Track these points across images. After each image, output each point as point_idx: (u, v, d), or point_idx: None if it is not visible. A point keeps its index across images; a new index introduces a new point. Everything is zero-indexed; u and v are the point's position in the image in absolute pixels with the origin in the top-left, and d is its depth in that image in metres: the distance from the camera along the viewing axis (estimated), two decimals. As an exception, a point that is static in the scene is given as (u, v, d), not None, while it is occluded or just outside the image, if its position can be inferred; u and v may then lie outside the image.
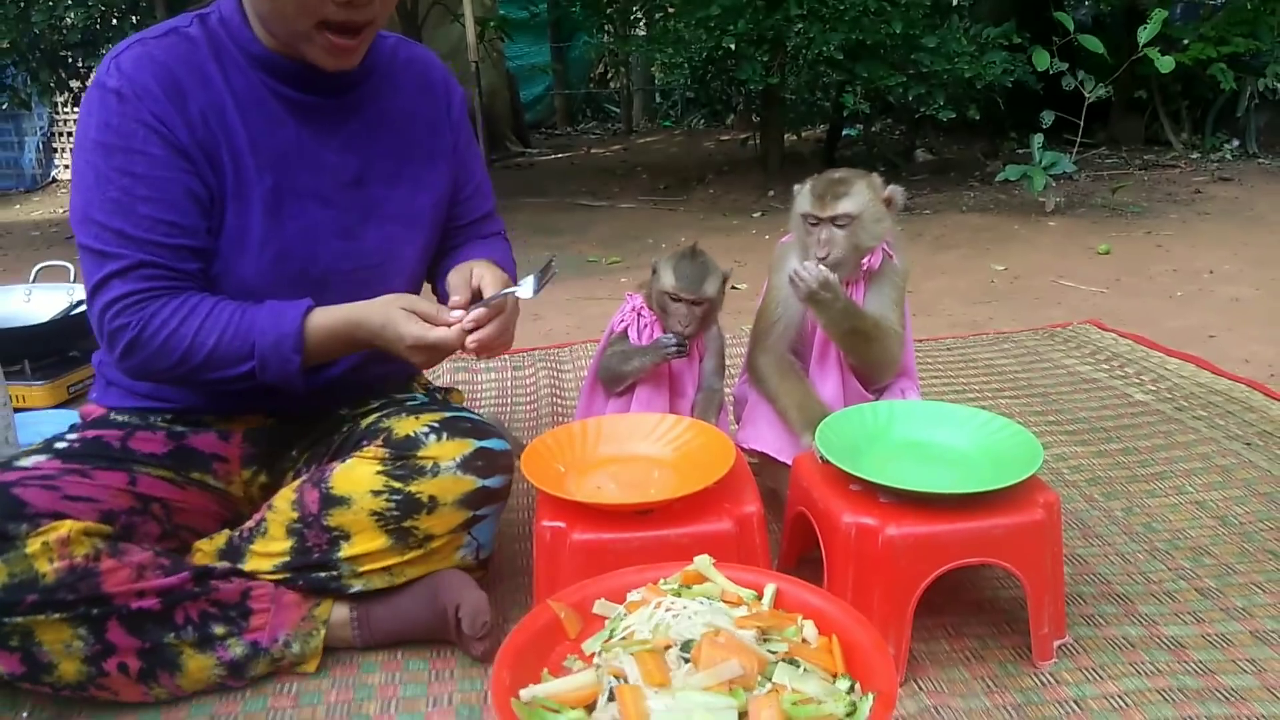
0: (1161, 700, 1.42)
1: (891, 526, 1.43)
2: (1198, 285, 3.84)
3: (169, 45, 1.47)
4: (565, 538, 1.46)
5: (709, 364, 1.94)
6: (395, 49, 1.66)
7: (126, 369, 1.49)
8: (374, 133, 1.60)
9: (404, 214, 1.64)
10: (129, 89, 1.42)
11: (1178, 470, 2.17)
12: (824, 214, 1.73)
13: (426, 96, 1.68)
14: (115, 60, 1.45)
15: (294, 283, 1.53)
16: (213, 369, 1.46)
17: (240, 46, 1.49)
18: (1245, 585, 1.72)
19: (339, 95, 1.56)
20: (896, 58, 5.84)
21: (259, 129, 1.50)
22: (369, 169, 1.59)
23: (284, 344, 1.46)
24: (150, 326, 1.43)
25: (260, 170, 1.50)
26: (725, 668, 1.01)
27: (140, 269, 1.43)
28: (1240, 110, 6.99)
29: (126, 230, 1.42)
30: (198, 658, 1.45)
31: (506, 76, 9.35)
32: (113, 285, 1.43)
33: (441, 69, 1.74)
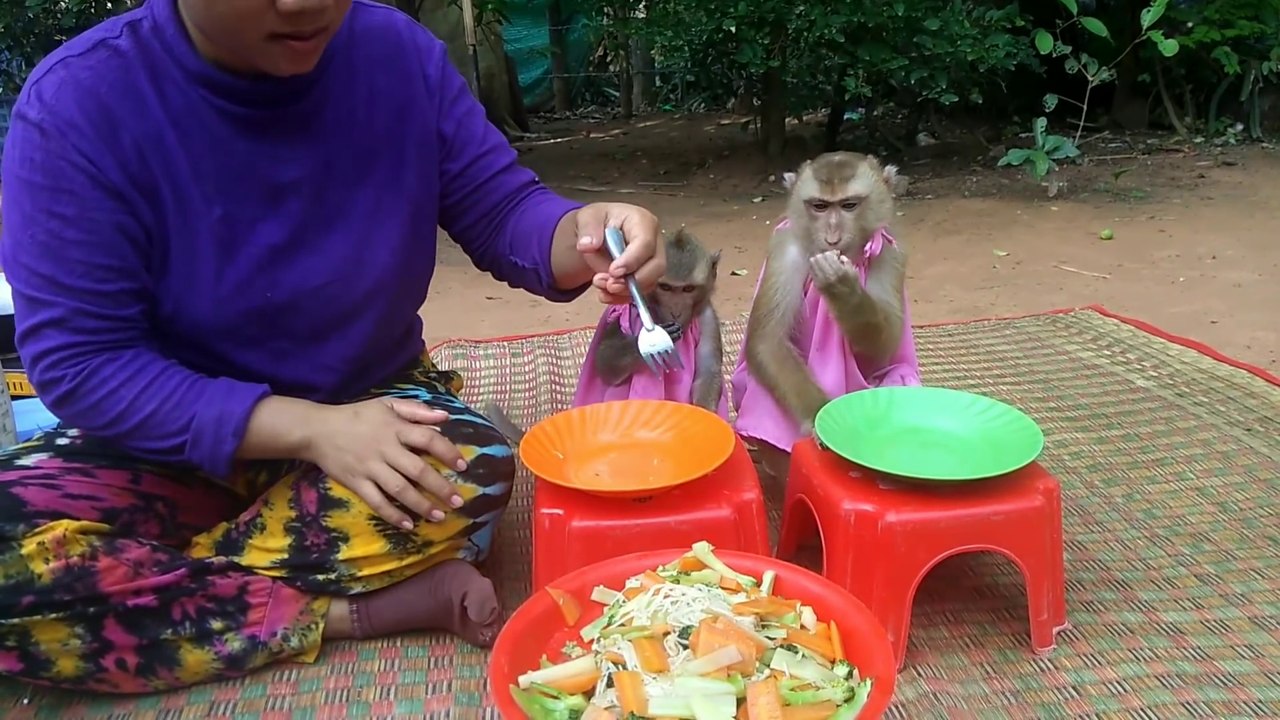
0: (1160, 686, 1.42)
1: (891, 513, 1.43)
2: (1200, 270, 3.83)
3: (96, 64, 1.31)
4: (564, 525, 1.45)
5: (705, 348, 1.94)
6: (350, 22, 1.47)
7: (57, 416, 1.41)
8: (332, 134, 1.44)
9: (374, 212, 1.50)
10: (51, 123, 1.28)
11: (1178, 456, 2.17)
12: (833, 197, 1.71)
13: (391, 67, 1.50)
14: (36, 87, 1.30)
15: (258, 314, 1.44)
16: (142, 437, 1.37)
17: (176, 60, 1.33)
18: (1244, 571, 1.72)
19: (290, 104, 1.40)
20: (899, 40, 5.81)
21: (203, 153, 1.36)
22: (329, 174, 1.45)
23: (226, 424, 1.37)
24: (89, 383, 1.34)
25: (208, 199, 1.37)
26: (723, 654, 1.01)
27: (76, 318, 1.33)
28: (1244, 94, 6.96)
29: (58, 277, 1.31)
30: (196, 652, 1.44)
31: (504, 60, 9.32)
32: (46, 335, 1.33)
33: (407, 27, 1.54)
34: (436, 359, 2.91)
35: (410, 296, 1.67)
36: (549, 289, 1.59)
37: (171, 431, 1.37)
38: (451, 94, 1.57)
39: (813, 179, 1.74)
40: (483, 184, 1.61)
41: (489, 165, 1.61)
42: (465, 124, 1.58)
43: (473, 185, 1.61)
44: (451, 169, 1.59)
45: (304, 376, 1.52)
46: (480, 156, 1.60)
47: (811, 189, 1.73)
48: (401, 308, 1.65)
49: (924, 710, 1.38)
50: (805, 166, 1.78)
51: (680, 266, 1.82)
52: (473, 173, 1.60)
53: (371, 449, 1.41)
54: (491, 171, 1.61)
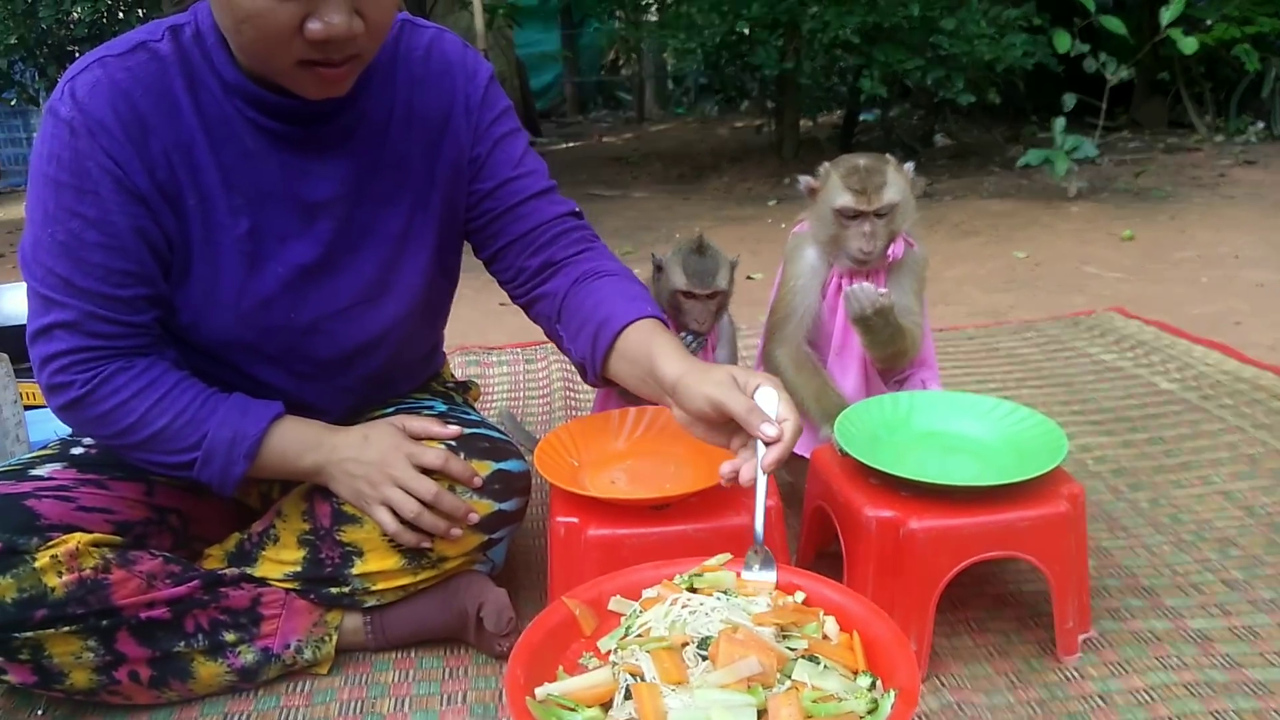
0: (1188, 694, 1.39)
1: (914, 520, 1.40)
2: (1223, 270, 3.78)
3: (133, 66, 1.29)
4: (580, 533, 1.44)
5: (721, 354, 1.92)
6: (397, 40, 1.44)
7: (63, 421, 1.38)
8: (366, 153, 1.42)
9: (404, 234, 1.47)
10: (81, 123, 1.26)
11: (1204, 460, 2.14)
12: (869, 207, 1.66)
13: (433, 88, 1.46)
14: (70, 84, 1.28)
15: (280, 332, 1.41)
16: (151, 450, 1.35)
17: (214, 70, 1.31)
18: (1273, 577, 1.68)
19: (326, 122, 1.37)
20: (914, 40, 5.78)
21: (234, 165, 1.34)
22: (360, 193, 1.42)
23: (239, 445, 1.36)
24: (99, 391, 1.32)
25: (235, 212, 1.35)
26: (743, 665, 0.99)
27: (89, 321, 1.30)
28: (1265, 91, 6.89)
29: (74, 279, 1.29)
30: (209, 664, 1.43)
31: (516, 64, 9.34)
32: (57, 337, 1.31)
33: (457, 49, 1.49)
34: (450, 365, 2.90)
35: (433, 320, 1.66)
36: (592, 380, 1.49)
37: (183, 448, 1.35)
38: (492, 116, 1.51)
39: (844, 188, 1.68)
40: (513, 208, 1.52)
41: (522, 189, 1.52)
42: (502, 145, 1.52)
43: (502, 208, 1.52)
44: (480, 189, 1.52)
45: (322, 397, 1.51)
46: (513, 179, 1.52)
47: (844, 198, 1.67)
48: (424, 331, 1.63)
49: (948, 721, 1.36)
50: (829, 171, 1.73)
51: (704, 273, 1.79)
52: (503, 195, 1.52)
53: (384, 474, 1.40)
54: (523, 195, 1.52)
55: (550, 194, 1.55)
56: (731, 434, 1.26)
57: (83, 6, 5.68)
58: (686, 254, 1.82)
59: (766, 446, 1.20)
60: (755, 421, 1.20)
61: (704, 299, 1.80)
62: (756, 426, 1.20)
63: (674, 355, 1.32)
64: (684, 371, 1.28)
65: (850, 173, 1.69)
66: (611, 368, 1.41)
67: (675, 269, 1.81)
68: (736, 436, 1.26)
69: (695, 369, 1.28)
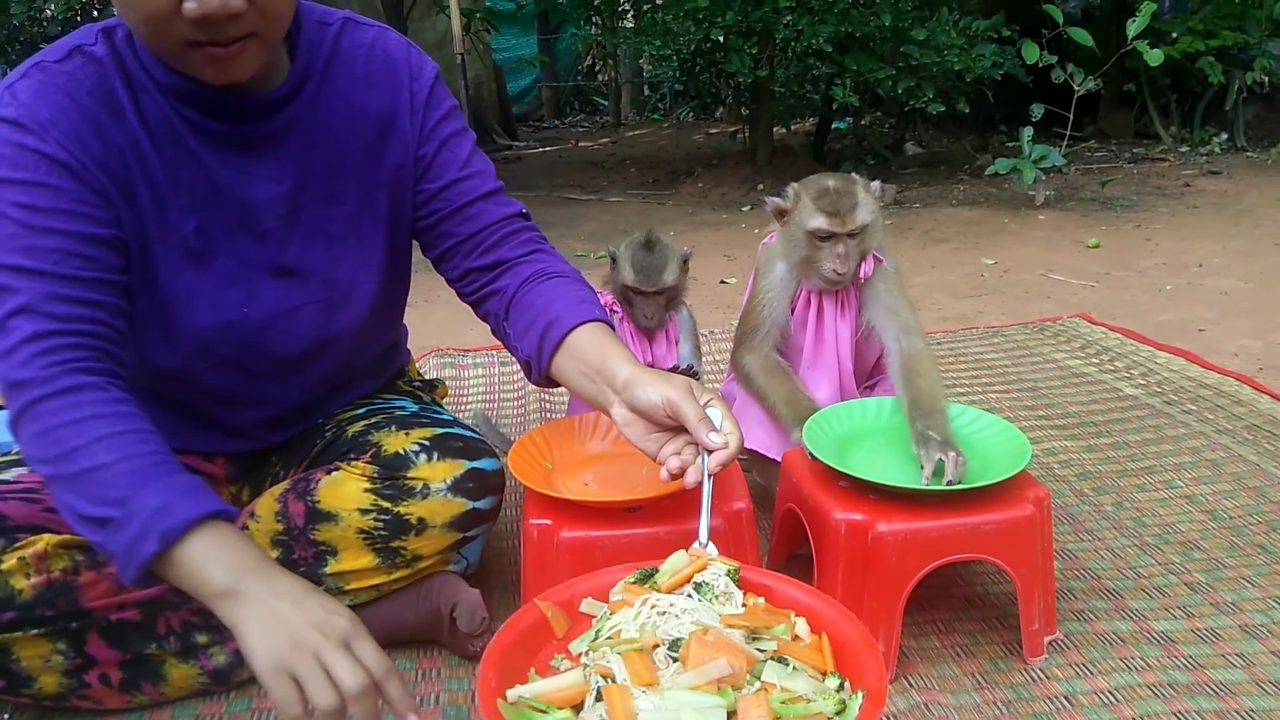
0: (1151, 695, 1.42)
1: (882, 523, 1.42)
2: (1187, 278, 3.85)
3: (72, 71, 1.26)
4: (553, 535, 1.44)
5: (684, 348, 1.95)
6: (338, 38, 1.42)
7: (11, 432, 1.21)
8: (307, 153, 1.40)
9: (351, 232, 1.46)
10: (30, 119, 1.22)
11: (1167, 464, 2.17)
12: (843, 229, 1.67)
13: (375, 86, 1.44)
14: (10, 90, 1.25)
15: (233, 330, 1.39)
16: (75, 489, 1.16)
17: (147, 70, 1.29)
18: (1234, 580, 1.72)
19: (260, 120, 1.35)
20: (886, 50, 5.84)
21: (177, 164, 1.31)
22: (304, 192, 1.41)
23: (160, 518, 1.12)
24: (58, 403, 1.16)
25: (182, 211, 1.33)
26: (713, 667, 1.00)
27: (46, 303, 1.19)
28: (1228, 103, 7.01)
29: (27, 265, 1.20)
30: (180, 667, 1.42)
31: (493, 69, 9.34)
32: (14, 327, 1.18)
33: (401, 47, 1.48)
34: (424, 368, 2.90)
35: (389, 318, 1.65)
36: (536, 379, 1.48)
37: (108, 499, 1.14)
38: (438, 115, 1.50)
39: (816, 210, 1.68)
40: (460, 209, 1.51)
41: (469, 190, 1.51)
42: (449, 145, 1.51)
43: (449, 209, 1.51)
44: (427, 189, 1.50)
45: (281, 395, 1.51)
46: (460, 180, 1.51)
47: (818, 221, 1.68)
48: (379, 329, 1.62)
49: (915, 721, 1.38)
50: (799, 193, 1.73)
51: (651, 270, 1.84)
52: (450, 196, 1.51)
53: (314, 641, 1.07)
54: (470, 196, 1.51)
55: (498, 195, 1.55)
56: (665, 441, 1.30)
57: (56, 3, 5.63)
58: (636, 249, 1.86)
59: (710, 454, 1.24)
60: (703, 429, 1.24)
61: (652, 295, 1.84)
62: (704, 434, 1.24)
63: (628, 358, 1.35)
64: (639, 370, 1.32)
65: (821, 195, 1.69)
66: (556, 365, 1.42)
67: (625, 264, 1.86)
68: (670, 443, 1.29)
69: (653, 372, 1.32)
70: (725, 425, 1.27)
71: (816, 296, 1.76)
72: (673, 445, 1.29)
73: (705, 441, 1.24)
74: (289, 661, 1.05)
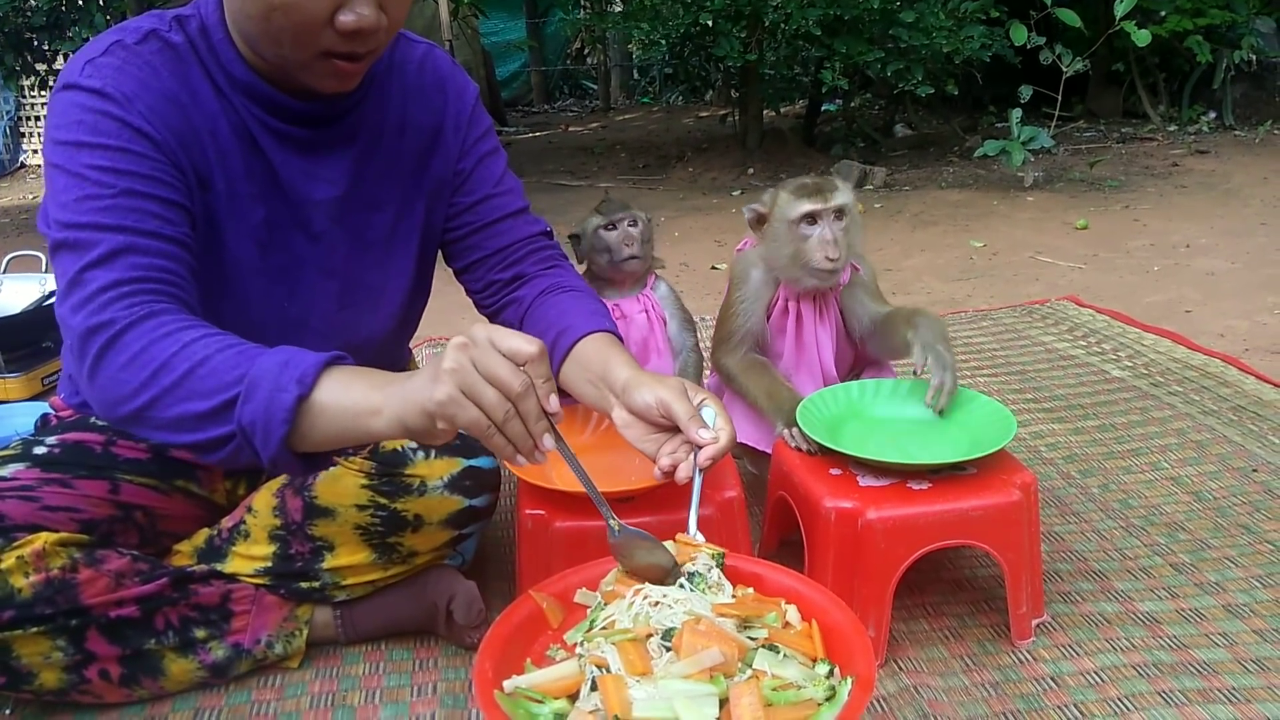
0: (1136, 675, 1.44)
1: (871, 510, 1.44)
2: (1174, 259, 3.87)
3: (151, 54, 1.29)
4: (547, 525, 1.46)
5: (673, 325, 1.95)
6: (392, 51, 1.49)
7: (90, 391, 1.22)
8: (365, 159, 1.46)
9: (389, 238, 1.52)
10: (115, 90, 1.25)
11: (1153, 446, 2.20)
12: (828, 204, 1.67)
13: (425, 101, 1.52)
14: (91, 63, 1.27)
15: (274, 325, 1.41)
16: (180, 398, 1.15)
17: (221, 65, 1.33)
18: (1219, 560, 1.74)
19: (327, 126, 1.41)
20: (875, 33, 5.84)
21: (248, 157, 1.36)
22: (354, 195, 1.46)
23: (290, 368, 1.12)
24: (140, 328, 1.18)
25: (253, 199, 1.37)
26: (706, 655, 1.02)
27: (125, 254, 1.21)
28: (1216, 82, 7.03)
29: (104, 221, 1.22)
30: (180, 661, 1.44)
31: (481, 54, 9.29)
32: (91, 277, 1.20)
33: (448, 65, 1.56)
34: (419, 358, 2.90)
35: (408, 327, 1.69)
36: None
37: (221, 384, 1.13)
38: (478, 133, 1.58)
39: (796, 197, 1.69)
40: (491, 224, 1.59)
41: (500, 206, 1.59)
42: (485, 163, 1.59)
43: (481, 223, 1.59)
44: (461, 202, 1.58)
45: None
46: (492, 196, 1.59)
47: (800, 205, 1.68)
48: (399, 336, 1.67)
49: (905, 704, 1.40)
50: (776, 192, 1.74)
51: (618, 205, 1.90)
52: (482, 211, 1.58)
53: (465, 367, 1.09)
54: (501, 213, 1.59)
55: (525, 214, 1.63)
56: (663, 442, 1.34)
57: (40, -6, 5.59)
58: (599, 204, 1.93)
59: (700, 450, 1.28)
60: (694, 426, 1.28)
61: (626, 225, 1.88)
62: (694, 430, 1.28)
63: (629, 363, 1.42)
64: (637, 374, 1.37)
65: (800, 185, 1.71)
66: (564, 373, 1.47)
67: (591, 220, 1.90)
68: (668, 444, 1.33)
69: (650, 375, 1.37)
70: (717, 422, 1.30)
71: (795, 303, 1.77)
72: (669, 445, 1.33)
73: (695, 438, 1.28)
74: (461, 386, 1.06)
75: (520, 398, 1.07)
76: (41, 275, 2.97)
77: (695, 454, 1.29)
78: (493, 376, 1.06)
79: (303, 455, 1.17)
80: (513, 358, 1.07)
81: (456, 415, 1.08)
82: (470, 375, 1.06)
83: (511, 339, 1.08)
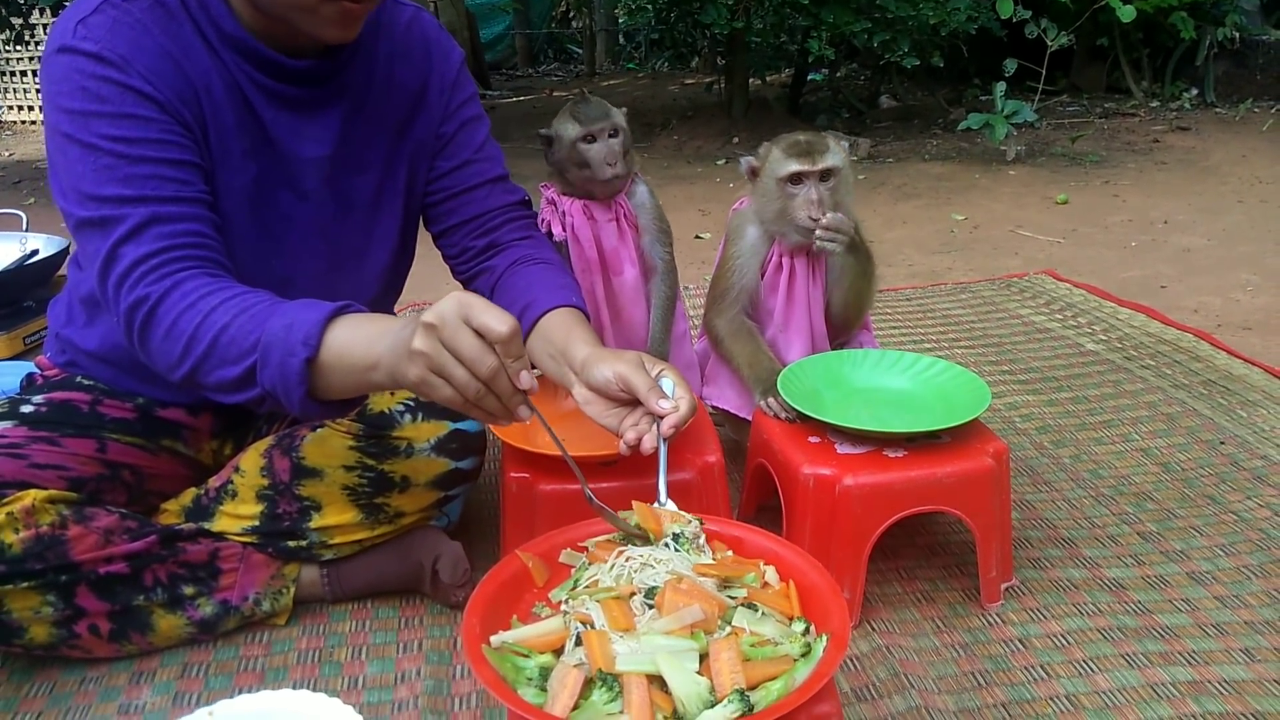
0: (1101, 639, 1.49)
1: (848, 477, 1.48)
2: (1152, 235, 3.92)
3: (143, 12, 1.30)
4: (532, 488, 1.49)
5: (647, 236, 1.85)
6: (379, 11, 1.49)
7: (148, 362, 1.29)
8: (350, 118, 1.47)
9: (375, 200, 1.54)
10: (111, 53, 1.25)
11: (1125, 418, 2.25)
12: (814, 167, 1.69)
13: (411, 63, 1.53)
14: (81, 23, 1.26)
15: (263, 279, 1.38)
16: (214, 366, 1.22)
17: (212, 21, 1.34)
18: (1184, 529, 1.80)
19: (316, 85, 1.42)
20: (862, 3, 5.81)
21: (239, 113, 1.37)
22: (341, 155, 1.47)
23: (294, 331, 1.17)
24: (168, 300, 1.23)
25: (244, 157, 1.39)
26: (687, 612, 1.05)
27: (152, 226, 1.25)
28: (1199, 59, 7.06)
29: (125, 194, 1.25)
30: (168, 617, 1.46)
31: (465, 15, 9.17)
32: (123, 253, 1.24)
33: (435, 29, 1.58)
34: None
35: (393, 289, 1.70)
36: None
37: (242, 351, 1.20)
38: (462, 98, 1.59)
39: (785, 155, 1.71)
40: (469, 190, 1.61)
41: (479, 172, 1.61)
42: (468, 128, 1.60)
43: (460, 188, 1.60)
44: (442, 166, 1.59)
45: None
46: (472, 161, 1.60)
47: (788, 164, 1.70)
48: (384, 299, 1.67)
49: (877, 663, 1.45)
50: (769, 148, 1.75)
51: (599, 111, 1.76)
52: (462, 175, 1.60)
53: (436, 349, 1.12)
54: (480, 179, 1.61)
55: (504, 181, 1.65)
56: (624, 415, 1.36)
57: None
58: (574, 105, 1.79)
59: (661, 420, 1.31)
60: (654, 397, 1.30)
61: (606, 136, 1.76)
62: (654, 401, 1.30)
63: (588, 340, 1.42)
64: (596, 350, 1.39)
65: (792, 143, 1.73)
66: (528, 346, 1.48)
67: (565, 122, 1.78)
68: (629, 417, 1.35)
69: (607, 350, 1.40)
70: (676, 391, 1.33)
71: (788, 259, 1.79)
72: (631, 418, 1.35)
73: (655, 408, 1.30)
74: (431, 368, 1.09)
75: (490, 379, 1.09)
76: (22, 234, 2.96)
77: (658, 424, 1.31)
78: (462, 357, 1.08)
79: (330, 401, 1.22)
80: (484, 334, 1.08)
81: (430, 394, 1.12)
82: (440, 357, 1.08)
83: (484, 315, 1.08)
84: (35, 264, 2.79)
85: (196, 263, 1.27)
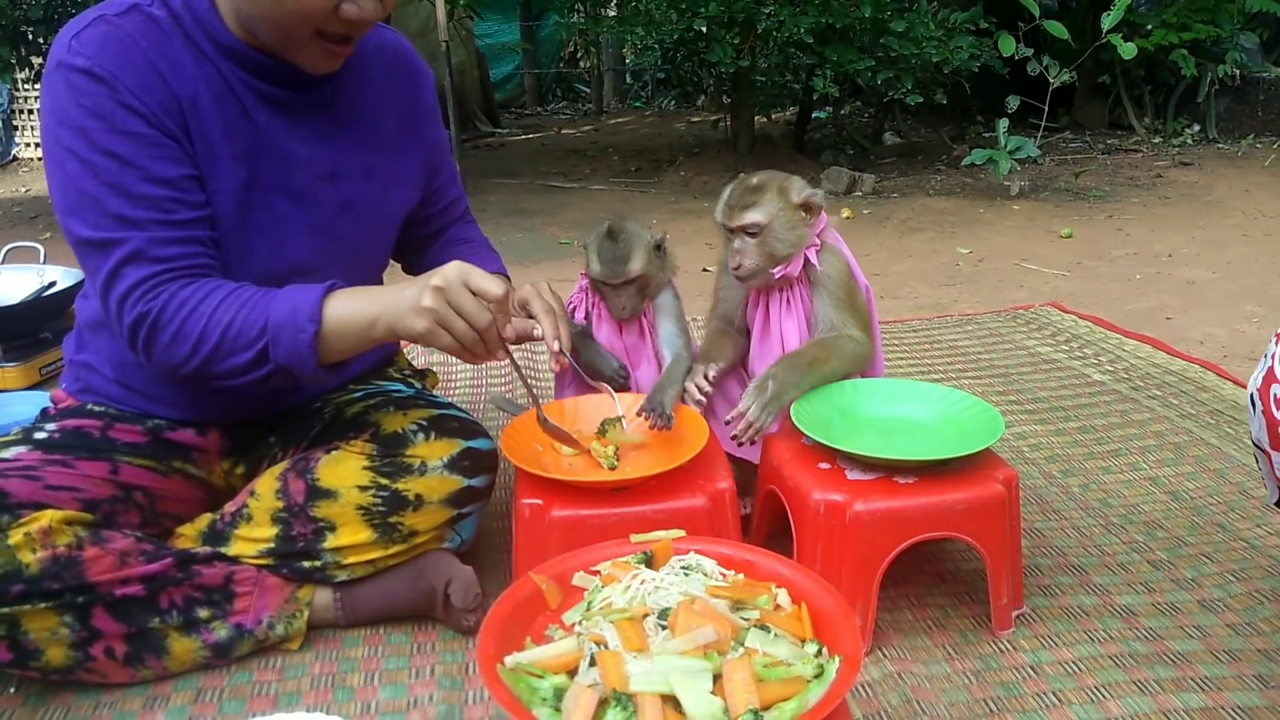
0: (1113, 665, 1.49)
1: (859, 502, 1.49)
2: (1156, 268, 3.94)
3: (134, 26, 1.37)
4: (544, 514, 1.50)
5: (665, 330, 1.85)
6: (365, 36, 1.52)
7: (152, 366, 1.41)
8: (345, 126, 1.55)
9: (378, 207, 1.61)
10: (103, 69, 1.32)
11: (1132, 447, 2.25)
12: (732, 224, 1.70)
13: (397, 85, 1.63)
14: (76, 38, 1.34)
15: (258, 279, 1.45)
16: (225, 356, 1.36)
17: (208, 34, 1.41)
18: (1195, 556, 1.80)
19: (310, 90, 1.50)
20: (865, 41, 5.90)
21: (231, 120, 1.43)
22: (341, 163, 1.54)
23: (299, 312, 1.34)
24: (168, 309, 1.35)
25: (235, 161, 1.44)
26: (700, 633, 1.06)
27: (151, 248, 1.35)
28: (1201, 96, 7.13)
29: (126, 213, 1.34)
30: (183, 640, 1.47)
31: (476, 55, 9.30)
32: (125, 275, 1.35)
33: (412, 54, 1.69)
34: (411, 354, 2.94)
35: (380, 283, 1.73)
36: None
37: (251, 339, 1.35)
38: (435, 120, 1.73)
39: (722, 203, 1.73)
40: (444, 207, 1.80)
41: (448, 191, 1.81)
42: (441, 146, 1.76)
43: (439, 205, 1.79)
44: (431, 186, 1.75)
45: None
46: (449, 180, 1.79)
47: (718, 213, 1.74)
48: None
49: (889, 689, 1.45)
50: (728, 187, 1.76)
51: (615, 260, 1.74)
52: (437, 195, 1.77)
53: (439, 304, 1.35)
54: (450, 198, 1.81)
55: (461, 197, 1.86)
56: None
57: (35, -14, 5.56)
58: (601, 240, 1.78)
59: None
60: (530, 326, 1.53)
61: (620, 286, 1.77)
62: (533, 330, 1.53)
63: None
64: None
65: (732, 190, 1.74)
66: None
67: (591, 255, 1.78)
68: None
69: None
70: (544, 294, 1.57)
71: (765, 295, 1.79)
72: None
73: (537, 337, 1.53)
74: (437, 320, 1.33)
75: (485, 330, 1.33)
76: (39, 266, 3.00)
77: None
78: (464, 313, 1.32)
79: (331, 366, 1.41)
80: (481, 295, 1.32)
81: (433, 342, 1.34)
82: (445, 312, 1.32)
83: (482, 280, 1.33)
84: (52, 296, 2.82)
85: (191, 275, 1.38)
